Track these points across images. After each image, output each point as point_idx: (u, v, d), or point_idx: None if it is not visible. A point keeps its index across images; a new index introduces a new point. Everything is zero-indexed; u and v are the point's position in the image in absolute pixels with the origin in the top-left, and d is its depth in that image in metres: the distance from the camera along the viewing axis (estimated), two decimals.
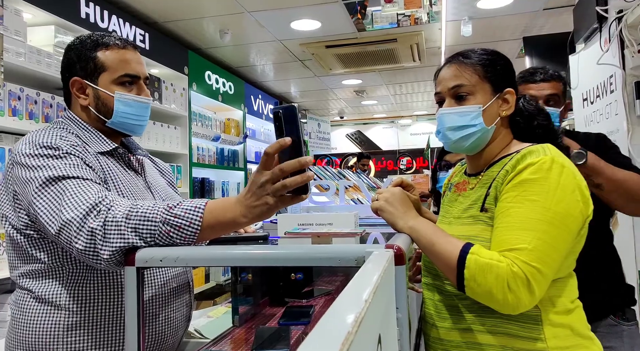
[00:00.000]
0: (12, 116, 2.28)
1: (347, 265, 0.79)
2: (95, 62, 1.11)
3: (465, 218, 1.00)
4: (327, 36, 4.10)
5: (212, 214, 0.89)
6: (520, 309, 0.84)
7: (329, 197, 1.88)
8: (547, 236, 0.84)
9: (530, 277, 0.81)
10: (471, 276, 0.84)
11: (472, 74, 1.00)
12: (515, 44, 4.39)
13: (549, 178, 0.87)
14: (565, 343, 0.89)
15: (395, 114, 8.69)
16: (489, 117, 1.00)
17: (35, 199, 0.96)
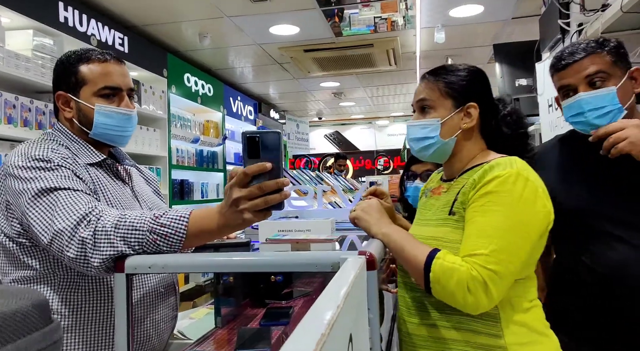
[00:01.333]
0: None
1: (324, 270, 0.87)
2: (76, 76, 1.15)
3: (435, 220, 1.09)
4: (306, 41, 4.18)
5: (196, 223, 0.95)
6: (480, 309, 0.92)
7: (308, 201, 1.96)
8: (504, 241, 0.92)
9: (488, 280, 0.89)
10: (436, 279, 0.92)
11: (434, 90, 1.09)
12: (486, 50, 4.55)
13: (512, 190, 0.95)
14: (522, 340, 0.97)
15: (372, 115, 8.83)
16: (449, 130, 1.08)
17: (28, 210, 1.01)
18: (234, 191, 0.91)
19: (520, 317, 0.99)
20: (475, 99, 1.09)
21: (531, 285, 1.04)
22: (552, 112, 2.96)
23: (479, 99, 1.09)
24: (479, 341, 0.98)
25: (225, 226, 0.94)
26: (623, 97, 1.23)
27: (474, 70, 1.13)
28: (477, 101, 1.09)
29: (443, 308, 1.02)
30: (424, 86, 1.12)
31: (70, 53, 1.18)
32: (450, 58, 4.82)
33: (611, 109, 1.22)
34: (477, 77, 1.12)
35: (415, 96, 1.14)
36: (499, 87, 3.78)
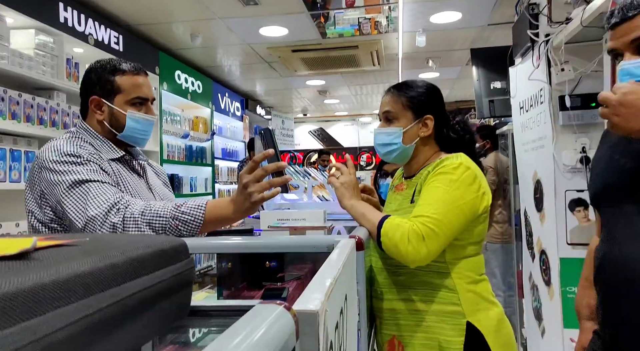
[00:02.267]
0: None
1: (320, 251, 1.06)
2: (112, 85, 1.31)
3: (400, 210, 1.31)
4: (294, 41, 4.34)
5: (211, 211, 1.14)
6: (417, 261, 1.13)
7: (299, 195, 2.14)
8: (443, 209, 1.14)
9: (425, 235, 1.11)
10: (385, 233, 1.14)
11: (397, 103, 1.32)
12: (465, 53, 4.79)
13: (454, 173, 1.19)
14: (475, 307, 1.21)
15: (356, 112, 9.03)
16: (409, 137, 1.32)
17: (64, 199, 1.17)
18: (244, 176, 1.12)
19: (472, 287, 1.23)
20: (431, 112, 1.33)
21: (479, 262, 1.28)
22: (523, 114, 3.17)
23: (434, 112, 1.33)
24: (443, 309, 1.21)
25: (236, 211, 1.13)
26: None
27: (431, 87, 1.37)
28: (432, 113, 1.33)
29: (413, 285, 1.24)
30: (389, 98, 1.34)
31: (105, 63, 1.34)
32: (431, 60, 5.05)
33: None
34: (433, 93, 1.36)
35: (382, 106, 1.36)
36: (475, 89, 4.00)
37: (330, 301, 0.57)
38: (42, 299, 0.26)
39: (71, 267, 0.28)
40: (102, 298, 0.29)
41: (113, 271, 0.31)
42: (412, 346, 1.24)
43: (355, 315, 1.00)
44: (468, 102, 7.67)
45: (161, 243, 0.40)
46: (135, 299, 0.33)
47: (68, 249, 0.33)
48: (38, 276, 0.26)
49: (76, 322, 0.27)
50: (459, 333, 1.19)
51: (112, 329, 0.31)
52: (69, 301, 0.27)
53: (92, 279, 0.29)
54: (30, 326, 0.22)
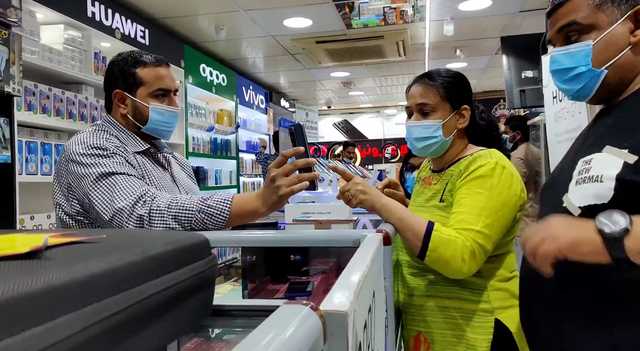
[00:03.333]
0: (28, 111, 2.45)
1: (346, 246, 1.04)
2: (134, 77, 1.31)
3: (429, 206, 1.27)
4: (318, 33, 4.30)
5: (238, 205, 1.12)
6: (465, 275, 1.10)
7: (323, 188, 2.12)
8: (489, 220, 1.10)
9: (477, 252, 1.08)
10: (435, 248, 1.09)
11: (435, 95, 1.25)
12: (494, 42, 4.65)
13: (493, 176, 1.14)
14: (504, 304, 1.17)
15: (381, 104, 8.93)
16: (447, 129, 1.26)
17: (91, 192, 1.17)
18: (272, 170, 1.09)
19: (503, 285, 1.18)
20: (466, 102, 1.27)
21: (511, 258, 1.23)
22: (557, 104, 3.06)
23: (468, 102, 1.28)
24: (471, 307, 1.17)
25: (263, 205, 1.11)
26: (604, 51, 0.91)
27: (462, 76, 1.31)
28: (467, 103, 1.27)
29: (440, 281, 1.20)
30: (423, 89, 1.26)
31: (126, 55, 1.34)
32: (459, 49, 4.92)
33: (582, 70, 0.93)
34: (466, 83, 1.30)
35: (413, 98, 1.28)
36: (505, 79, 3.87)
37: (359, 300, 0.55)
38: (51, 303, 0.24)
39: (84, 267, 0.26)
40: (119, 300, 0.27)
41: (130, 271, 0.29)
42: (438, 343, 1.21)
43: (382, 311, 0.97)
44: (497, 93, 7.48)
45: (182, 239, 0.38)
46: (155, 300, 0.31)
47: (82, 247, 0.30)
48: (48, 277, 0.24)
49: (91, 326, 0.25)
50: (486, 330, 1.15)
51: (130, 332, 0.29)
52: (82, 305, 0.25)
53: (107, 280, 0.27)
54: (33, 335, 0.20)
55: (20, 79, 2.23)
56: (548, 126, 3.08)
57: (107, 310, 0.26)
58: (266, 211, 1.13)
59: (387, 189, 1.44)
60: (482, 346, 1.15)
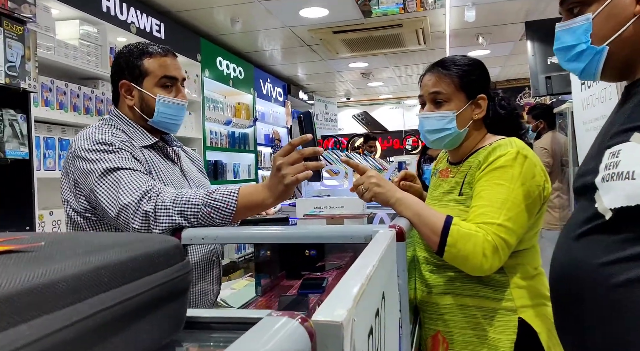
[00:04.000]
0: (45, 107, 2.47)
1: (358, 242, 0.98)
2: (140, 68, 1.28)
3: (447, 200, 1.20)
4: (335, 22, 4.22)
5: (245, 197, 1.09)
6: (487, 272, 1.03)
7: (339, 181, 2.06)
8: (511, 213, 1.03)
9: (500, 246, 1.00)
10: (453, 243, 1.02)
11: (449, 84, 1.17)
12: (518, 27, 4.48)
13: (514, 166, 1.06)
14: (529, 302, 1.09)
15: (401, 94, 8.78)
16: (462, 121, 1.18)
17: (96, 188, 1.15)
18: (278, 158, 1.05)
19: (527, 282, 1.11)
20: (483, 91, 1.19)
21: (535, 254, 1.15)
22: (585, 90, 2.93)
23: (485, 91, 1.19)
24: (493, 305, 1.10)
25: (269, 196, 1.07)
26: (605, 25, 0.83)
27: (479, 62, 1.21)
28: (484, 92, 1.19)
29: (460, 278, 1.14)
30: (436, 78, 1.18)
31: (132, 47, 1.31)
32: (481, 36, 4.76)
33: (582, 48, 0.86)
34: (483, 70, 1.21)
35: (426, 87, 1.21)
36: (530, 66, 3.73)
37: (360, 306, 0.49)
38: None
39: (8, 281, 0.22)
40: (56, 319, 0.22)
41: (70, 285, 0.24)
42: (458, 343, 1.15)
43: (396, 311, 0.92)
44: (521, 81, 7.25)
45: (145, 246, 0.33)
46: (106, 316, 0.26)
47: (12, 258, 0.26)
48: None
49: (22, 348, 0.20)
50: (509, 330, 1.08)
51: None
52: (8, 326, 0.20)
53: (38, 297, 0.23)
54: None
55: (36, 75, 2.24)
56: (576, 114, 2.97)
57: (37, 332, 0.21)
58: (273, 201, 1.08)
59: (403, 181, 1.37)
60: (505, 346, 1.08)
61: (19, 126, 2.16)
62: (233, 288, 2.04)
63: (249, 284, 2.12)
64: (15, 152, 2.12)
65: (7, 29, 2.06)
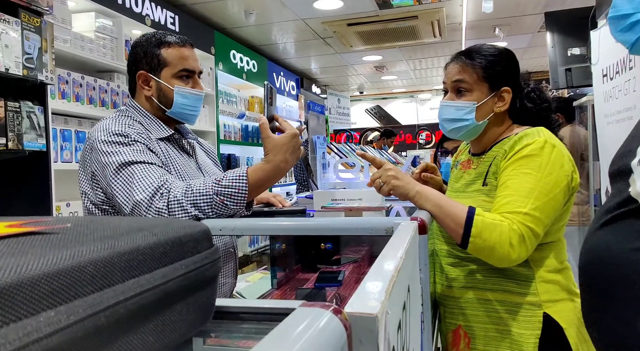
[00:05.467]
0: (62, 99, 2.48)
1: (378, 234, 0.96)
2: (158, 58, 1.26)
3: (470, 191, 1.16)
4: (349, 14, 4.17)
5: (253, 177, 1.09)
6: (514, 262, 0.99)
7: (354, 174, 2.04)
8: (538, 202, 0.99)
9: (526, 236, 0.97)
10: (478, 233, 0.99)
11: (471, 74, 1.14)
12: (537, 18, 4.38)
13: (541, 155, 1.03)
14: (554, 297, 1.06)
15: (414, 88, 8.69)
16: (483, 113, 1.14)
17: (111, 182, 1.14)
18: (297, 136, 1.14)
19: (553, 276, 1.07)
20: (508, 83, 1.14)
21: (562, 247, 1.12)
22: (607, 83, 2.86)
23: (511, 83, 1.15)
24: (514, 300, 1.06)
25: (273, 168, 1.10)
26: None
27: (506, 52, 1.17)
28: (509, 84, 1.14)
29: (482, 271, 1.11)
30: (461, 67, 1.16)
31: (150, 36, 1.29)
32: (498, 28, 4.67)
33: None
34: (510, 61, 1.17)
35: (450, 75, 1.18)
36: (549, 57, 3.65)
37: (392, 299, 0.47)
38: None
39: (27, 267, 0.20)
40: (79, 307, 0.21)
41: (99, 269, 0.23)
42: (479, 337, 1.12)
43: (418, 306, 0.89)
44: (540, 74, 7.11)
45: (172, 230, 0.31)
46: (127, 307, 0.24)
47: (35, 240, 0.24)
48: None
49: (46, 338, 0.18)
50: (534, 325, 1.05)
51: (100, 345, 0.22)
52: (26, 315, 0.19)
53: (58, 284, 0.21)
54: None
55: (53, 67, 2.25)
56: (597, 107, 2.89)
57: (58, 322, 0.20)
58: (278, 173, 1.12)
59: (424, 173, 1.34)
60: (530, 342, 1.05)
61: (36, 118, 2.17)
62: (248, 280, 2.03)
63: (263, 277, 2.11)
64: (33, 144, 2.13)
65: (24, 20, 2.07)
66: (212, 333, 0.34)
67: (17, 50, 2.02)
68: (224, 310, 0.35)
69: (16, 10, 2.02)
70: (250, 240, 4.60)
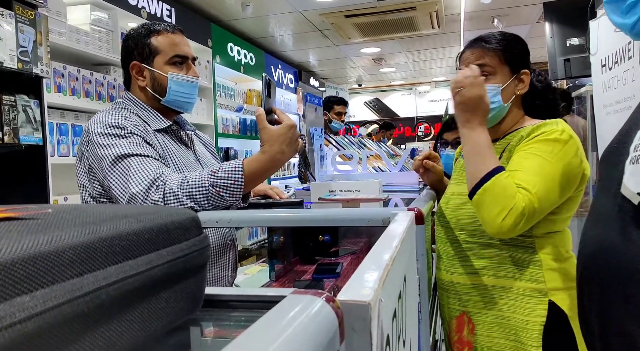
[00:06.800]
0: (58, 93, 2.46)
1: (375, 225, 0.95)
2: (149, 47, 1.26)
3: None
4: (347, 6, 4.14)
5: (249, 169, 1.09)
6: (505, 234, 1.00)
7: (352, 166, 2.03)
8: (547, 185, 1.00)
9: (527, 212, 0.97)
10: (491, 187, 0.99)
11: (493, 57, 1.14)
12: (536, 9, 4.36)
13: (557, 141, 1.04)
14: (560, 285, 1.07)
15: (413, 80, 8.66)
16: (507, 95, 1.15)
17: (108, 175, 1.14)
18: (293, 125, 1.13)
19: (559, 265, 1.08)
20: (526, 66, 1.16)
21: (568, 237, 1.13)
22: (606, 73, 2.85)
23: (528, 66, 1.17)
24: (523, 287, 1.07)
25: (269, 160, 1.09)
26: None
27: (519, 37, 1.20)
28: (527, 67, 1.16)
29: (483, 257, 1.11)
30: (481, 52, 1.16)
31: (139, 27, 1.29)
32: (497, 19, 4.64)
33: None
34: (524, 45, 1.19)
35: (468, 61, 1.17)
36: (548, 48, 3.63)
37: (386, 287, 0.47)
38: None
39: (1, 251, 0.19)
40: (57, 292, 0.20)
41: (78, 254, 0.22)
42: (484, 324, 1.13)
43: (415, 296, 0.89)
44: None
45: (159, 216, 0.31)
46: (115, 291, 0.24)
47: (12, 225, 0.23)
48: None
49: (20, 323, 0.18)
50: (539, 312, 1.06)
51: (83, 332, 0.22)
52: (8, 297, 0.18)
53: (34, 268, 0.20)
54: None
55: (49, 60, 2.23)
56: (595, 97, 2.89)
57: (43, 303, 0.19)
58: (275, 163, 1.12)
59: (426, 160, 1.35)
60: (534, 329, 1.05)
61: (32, 112, 2.16)
62: (246, 273, 2.03)
63: (262, 269, 2.11)
64: (29, 138, 2.12)
65: (18, 13, 2.05)
66: (201, 322, 0.34)
67: (12, 43, 2.00)
68: (214, 298, 0.35)
69: (10, 3, 2.00)
70: (250, 233, 4.60)
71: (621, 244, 0.74)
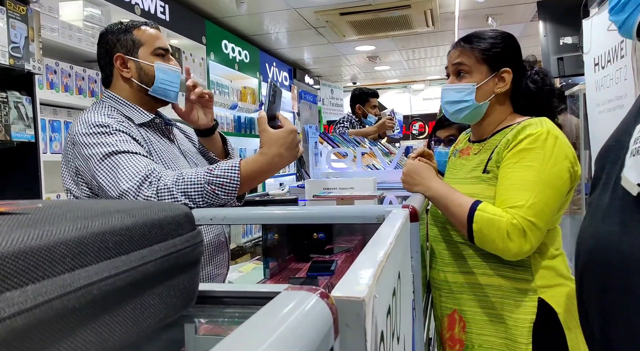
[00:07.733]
0: (50, 89, 2.44)
1: (370, 222, 0.96)
2: (133, 39, 1.27)
3: (470, 178, 1.17)
4: (342, 3, 4.13)
5: (246, 169, 1.08)
6: (519, 255, 1.01)
7: (347, 163, 2.03)
8: (541, 195, 1.00)
9: (527, 229, 0.98)
10: (479, 229, 1.01)
11: (470, 56, 1.16)
12: (530, 8, 4.37)
13: (544, 147, 1.03)
14: (550, 282, 1.08)
15: (408, 79, 8.67)
16: (483, 94, 1.15)
17: (97, 174, 1.13)
18: (294, 130, 1.14)
19: (549, 263, 1.09)
20: (508, 64, 1.15)
21: (557, 235, 1.14)
22: (599, 71, 2.87)
23: (511, 64, 1.16)
24: (513, 285, 1.08)
25: (267, 162, 1.10)
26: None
27: (507, 35, 1.19)
28: (510, 66, 1.15)
29: (477, 256, 1.12)
30: (460, 51, 1.18)
31: (116, 24, 1.32)
32: (491, 17, 4.66)
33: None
34: (510, 43, 1.18)
35: (450, 60, 1.21)
36: (541, 47, 3.65)
37: (380, 284, 0.47)
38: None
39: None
40: (48, 287, 0.20)
41: (70, 249, 0.22)
42: (475, 321, 1.14)
43: (409, 293, 0.89)
44: None
45: (152, 211, 0.30)
46: (108, 286, 0.23)
47: (2, 220, 0.23)
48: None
49: (9, 318, 0.18)
50: (529, 310, 1.07)
51: (74, 328, 0.22)
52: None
53: (24, 263, 0.20)
54: None
55: (41, 56, 2.21)
56: (588, 96, 2.91)
57: (15, 304, 0.19)
58: (272, 167, 1.12)
59: (420, 157, 1.36)
60: (524, 326, 1.06)
61: (24, 109, 2.13)
62: (241, 271, 2.03)
63: (256, 267, 2.11)
64: (21, 135, 2.10)
65: (9, 9, 2.03)
66: (195, 318, 0.34)
67: (3, 39, 1.98)
68: (207, 295, 0.35)
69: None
70: (244, 231, 4.59)
71: (622, 236, 0.75)
